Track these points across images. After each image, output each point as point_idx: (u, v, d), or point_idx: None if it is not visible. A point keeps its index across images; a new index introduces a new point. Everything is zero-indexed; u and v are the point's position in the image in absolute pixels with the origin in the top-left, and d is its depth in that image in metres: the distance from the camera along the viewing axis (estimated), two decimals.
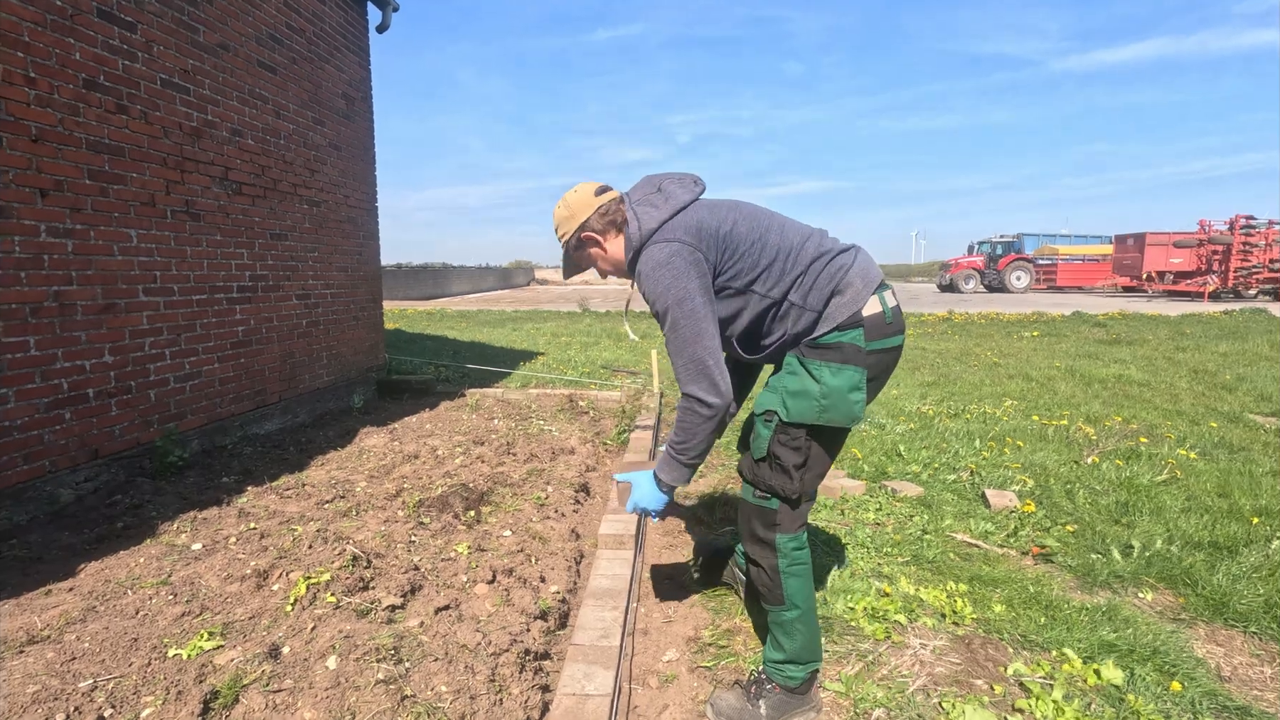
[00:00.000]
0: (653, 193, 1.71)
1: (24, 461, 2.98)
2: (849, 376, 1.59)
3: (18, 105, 2.91)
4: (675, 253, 1.57)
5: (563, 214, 1.78)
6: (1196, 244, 22.83)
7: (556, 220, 1.80)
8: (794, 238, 1.65)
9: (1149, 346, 9.29)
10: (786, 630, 1.76)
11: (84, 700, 1.67)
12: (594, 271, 1.89)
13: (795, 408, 1.62)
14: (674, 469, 1.72)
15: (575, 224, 1.75)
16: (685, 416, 1.62)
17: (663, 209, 1.64)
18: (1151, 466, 3.78)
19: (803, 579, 1.75)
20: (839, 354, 1.60)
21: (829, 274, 1.61)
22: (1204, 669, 1.98)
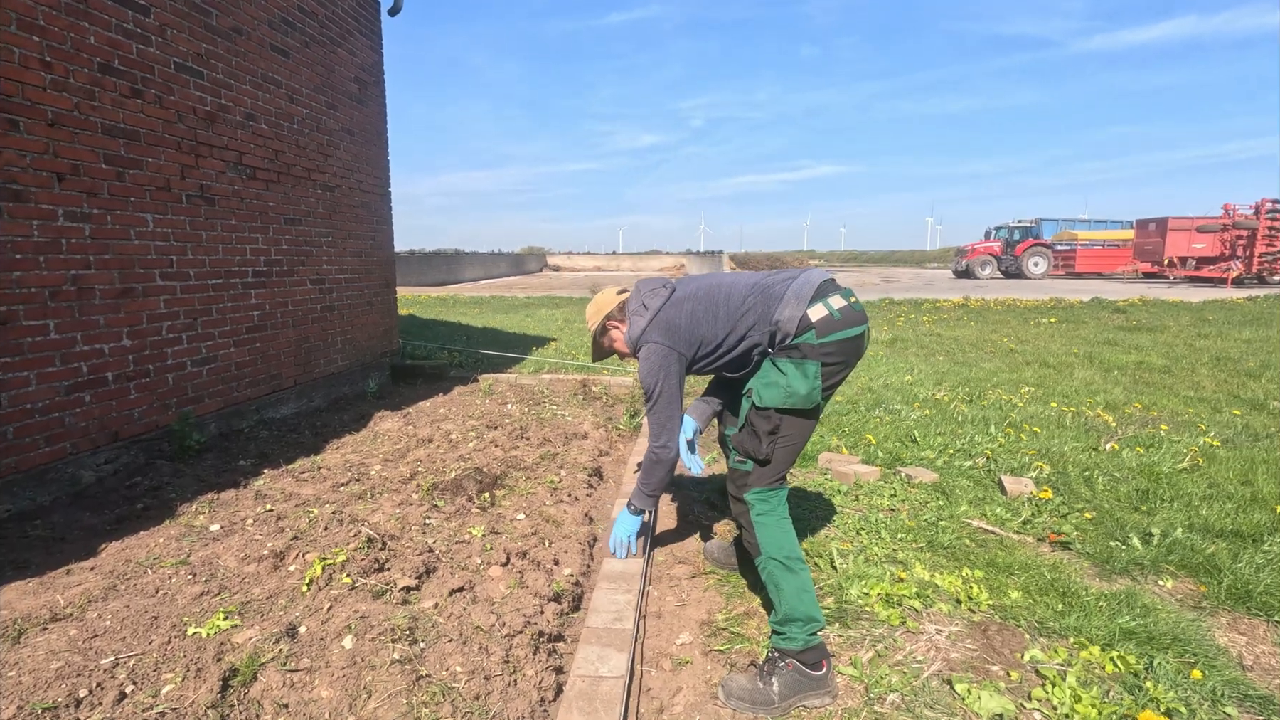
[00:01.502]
0: (639, 306, 2.21)
1: (46, 444, 3.02)
2: (808, 369, 1.92)
3: (34, 90, 2.93)
4: (656, 351, 2.10)
5: (592, 310, 2.34)
6: (1220, 229, 22.36)
7: (588, 315, 2.34)
8: (736, 298, 2.07)
9: (1170, 333, 9.14)
10: (773, 580, 1.92)
11: (106, 676, 1.70)
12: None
13: (765, 395, 1.95)
14: (641, 499, 2.34)
15: (602, 315, 2.30)
16: (651, 462, 2.22)
17: (643, 318, 2.16)
18: (1172, 454, 3.73)
19: (774, 529, 1.96)
20: (798, 352, 1.93)
21: (765, 303, 2.01)
22: (1225, 657, 1.95)
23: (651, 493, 2.30)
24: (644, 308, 2.18)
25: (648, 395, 2.14)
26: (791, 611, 1.85)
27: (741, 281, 2.13)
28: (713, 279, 2.20)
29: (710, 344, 2.11)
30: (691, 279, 2.26)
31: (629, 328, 2.21)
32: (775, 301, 2.02)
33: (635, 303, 2.23)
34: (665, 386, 2.10)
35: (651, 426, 2.17)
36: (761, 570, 1.97)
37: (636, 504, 2.35)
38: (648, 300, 2.20)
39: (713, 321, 2.10)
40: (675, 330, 2.11)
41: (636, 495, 2.32)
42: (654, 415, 2.14)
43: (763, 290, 2.06)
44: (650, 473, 2.24)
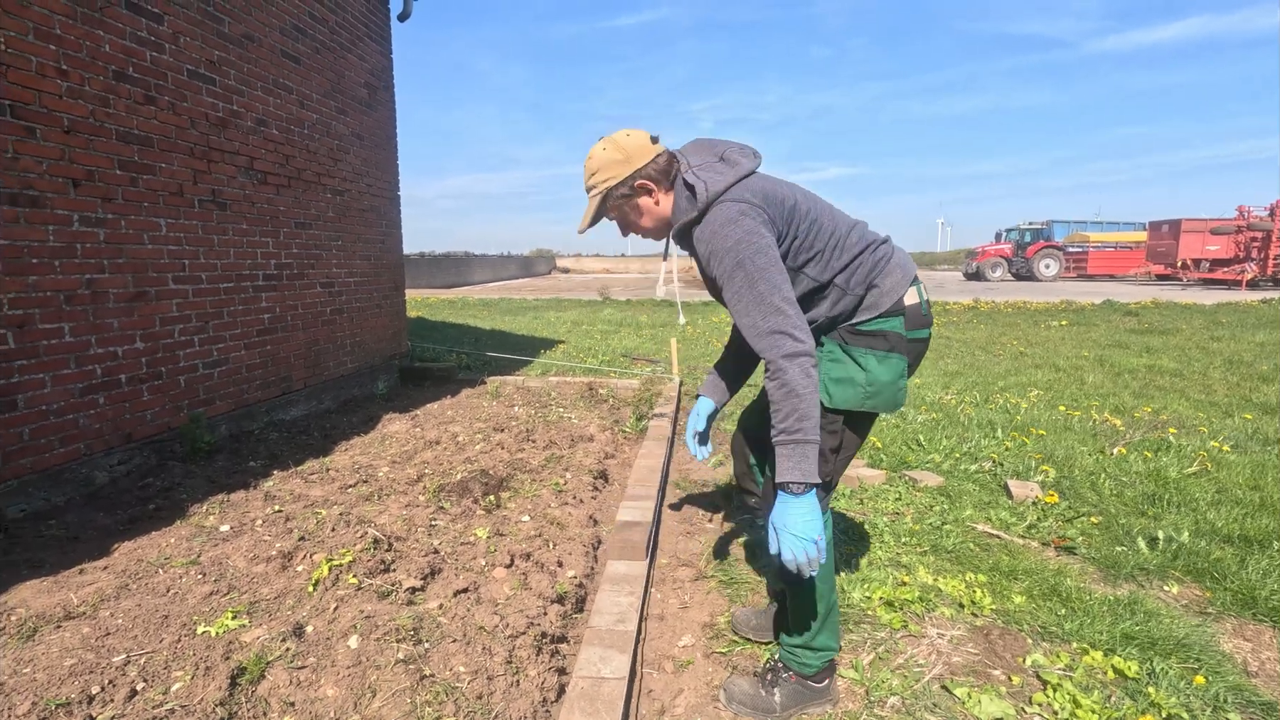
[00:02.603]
0: (715, 160, 1.62)
1: (60, 444, 3.07)
2: (894, 365, 1.59)
3: (50, 97, 2.98)
4: (745, 211, 1.50)
5: (613, 156, 1.61)
6: (1235, 230, 22.15)
7: (600, 163, 1.62)
8: (842, 224, 1.64)
9: (1182, 336, 9.06)
10: (808, 611, 1.73)
11: (117, 674, 1.73)
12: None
13: (839, 394, 1.59)
14: (806, 455, 1.42)
15: (630, 169, 1.61)
16: (779, 377, 1.42)
17: (729, 174, 1.56)
18: (1181, 458, 3.70)
19: (828, 567, 1.73)
20: (885, 341, 1.58)
21: (872, 262, 1.61)
22: (1230, 664, 1.95)
23: (816, 431, 1.43)
24: (723, 162, 1.61)
25: (730, 272, 1.48)
26: (816, 641, 1.74)
27: (838, 211, 1.68)
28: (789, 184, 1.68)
29: (796, 259, 1.57)
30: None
31: (699, 185, 1.56)
32: (882, 260, 1.62)
33: (705, 155, 1.63)
34: (766, 255, 1.46)
35: (759, 321, 1.45)
36: (798, 600, 1.74)
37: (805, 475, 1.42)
38: (733, 157, 1.62)
39: (814, 231, 1.58)
40: (778, 203, 1.55)
41: (799, 457, 1.42)
42: (760, 300, 1.44)
43: (863, 235, 1.64)
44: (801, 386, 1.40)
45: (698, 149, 1.68)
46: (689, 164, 1.63)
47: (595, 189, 1.64)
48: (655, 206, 1.67)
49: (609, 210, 1.68)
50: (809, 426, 1.42)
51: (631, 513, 2.76)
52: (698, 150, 1.68)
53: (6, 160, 2.81)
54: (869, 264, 1.61)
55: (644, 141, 1.63)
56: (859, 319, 1.61)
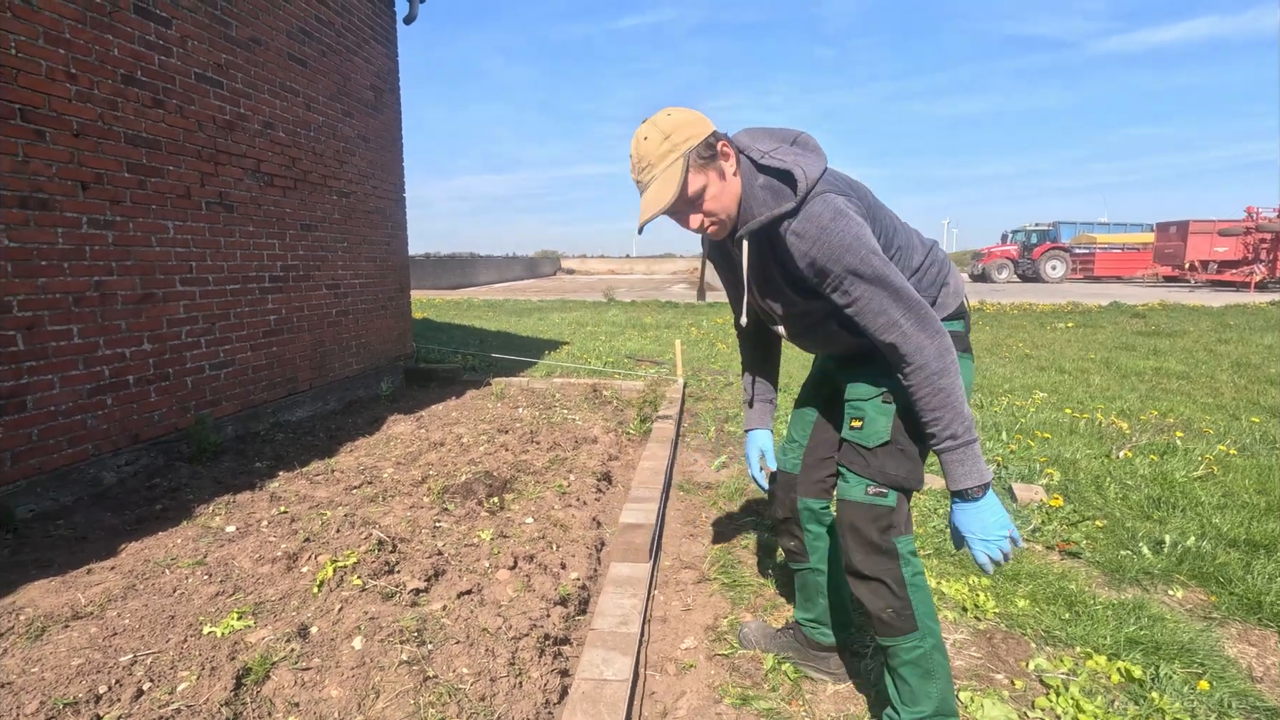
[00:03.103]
0: (788, 144, 1.44)
1: (69, 445, 3.10)
2: (969, 367, 1.51)
3: (60, 101, 3.01)
4: (847, 205, 1.34)
5: (686, 116, 1.38)
6: (1243, 232, 22.01)
7: (674, 123, 1.36)
8: (900, 224, 1.54)
9: (1190, 338, 9.01)
10: (926, 669, 1.47)
11: (124, 673, 1.75)
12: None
13: None
14: (975, 456, 1.33)
15: (708, 127, 1.38)
16: (947, 378, 1.29)
17: (819, 161, 1.39)
18: (1187, 462, 3.69)
19: (928, 590, 1.52)
20: (959, 341, 1.48)
21: (939, 261, 1.54)
22: (1235, 669, 1.94)
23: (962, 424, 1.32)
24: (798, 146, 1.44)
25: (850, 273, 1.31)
26: (944, 707, 1.50)
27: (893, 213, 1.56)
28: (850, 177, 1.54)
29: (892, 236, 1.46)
30: None
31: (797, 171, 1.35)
32: (944, 260, 1.54)
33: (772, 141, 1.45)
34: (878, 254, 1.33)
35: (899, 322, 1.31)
36: (911, 656, 1.49)
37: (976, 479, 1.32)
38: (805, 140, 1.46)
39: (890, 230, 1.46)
40: (860, 196, 1.42)
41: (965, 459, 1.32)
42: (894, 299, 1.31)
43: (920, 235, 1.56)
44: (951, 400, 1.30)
45: (758, 135, 1.48)
46: (757, 149, 1.43)
47: (673, 152, 1.36)
48: (735, 179, 1.41)
49: (690, 179, 1.37)
50: (969, 426, 1.32)
51: (635, 515, 2.77)
52: (759, 137, 1.48)
53: (16, 163, 2.84)
54: (935, 265, 1.53)
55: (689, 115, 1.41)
56: None
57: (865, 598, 1.52)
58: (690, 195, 1.38)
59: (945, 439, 1.33)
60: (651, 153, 1.38)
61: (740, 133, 1.51)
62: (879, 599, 1.49)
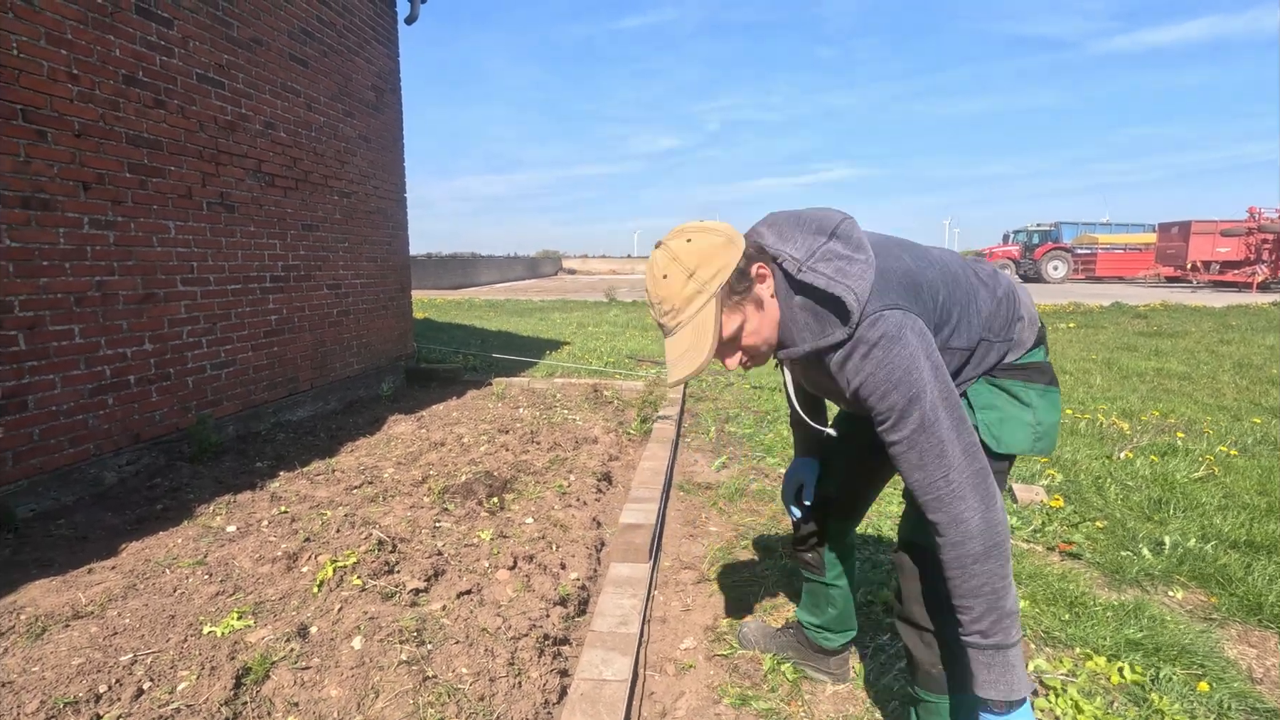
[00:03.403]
0: (824, 241, 1.22)
1: (70, 445, 3.10)
2: (1055, 400, 1.35)
3: (61, 101, 3.02)
4: (905, 324, 1.14)
5: (711, 240, 1.20)
6: (1245, 232, 21.97)
7: (700, 254, 1.19)
8: (963, 272, 1.34)
9: (1191, 339, 9.00)
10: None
11: (124, 673, 1.75)
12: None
13: (1008, 435, 1.31)
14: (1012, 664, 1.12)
15: (739, 250, 1.20)
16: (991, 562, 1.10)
17: (866, 268, 1.18)
18: (1188, 462, 3.68)
19: None
20: (1041, 374, 1.34)
21: (1008, 298, 1.36)
22: (1235, 670, 1.94)
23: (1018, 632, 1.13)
24: (839, 241, 1.21)
25: (899, 412, 1.13)
26: None
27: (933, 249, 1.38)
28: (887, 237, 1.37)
29: (951, 332, 1.28)
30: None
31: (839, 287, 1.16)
32: (1011, 289, 1.38)
33: (802, 236, 1.24)
34: (941, 384, 1.14)
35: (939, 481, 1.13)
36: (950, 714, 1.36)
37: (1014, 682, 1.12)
38: (846, 230, 1.23)
39: (945, 296, 1.27)
40: (917, 289, 1.22)
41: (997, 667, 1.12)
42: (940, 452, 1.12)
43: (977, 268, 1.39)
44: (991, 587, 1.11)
45: (785, 231, 1.28)
46: (790, 255, 1.23)
47: (702, 293, 1.18)
48: (773, 301, 1.25)
49: (725, 321, 1.21)
50: (1012, 624, 1.11)
51: (635, 515, 2.77)
52: (787, 232, 1.27)
53: (18, 164, 2.84)
54: (1005, 300, 1.35)
55: (727, 228, 1.25)
56: (1009, 360, 1.36)
57: (915, 647, 1.38)
58: (727, 338, 1.22)
59: (973, 633, 1.13)
60: (675, 295, 1.19)
61: (763, 225, 1.33)
62: (931, 652, 1.36)
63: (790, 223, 1.29)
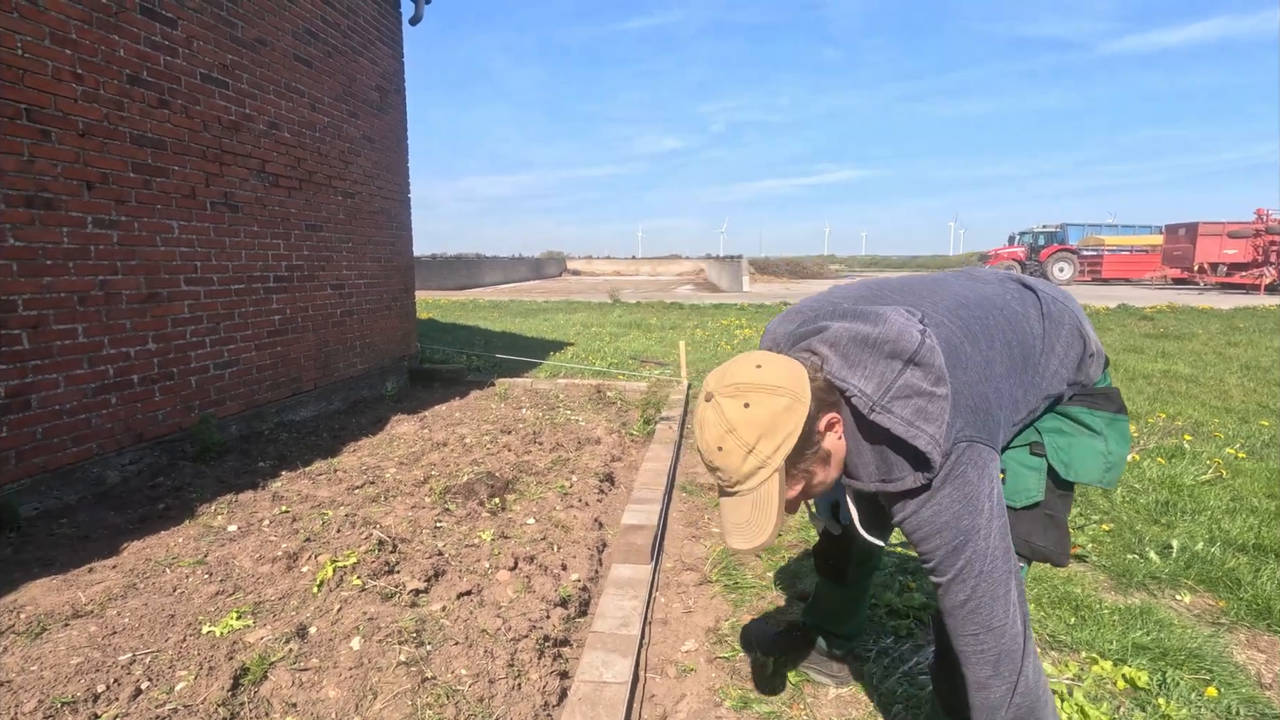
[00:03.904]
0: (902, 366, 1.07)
1: (73, 444, 3.11)
2: (1123, 429, 1.28)
3: (66, 101, 3.02)
4: (979, 463, 1.06)
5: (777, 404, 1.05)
6: (1253, 234, 21.83)
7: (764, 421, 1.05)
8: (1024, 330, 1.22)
9: (1198, 341, 8.94)
10: None
11: (123, 672, 1.74)
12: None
13: (1080, 464, 1.25)
14: None
15: (805, 410, 1.06)
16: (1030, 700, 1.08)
17: (944, 399, 1.05)
18: (1196, 465, 3.65)
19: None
20: (1109, 401, 1.27)
21: (1074, 339, 1.26)
22: (1243, 675, 1.91)
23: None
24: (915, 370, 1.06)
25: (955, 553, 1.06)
26: None
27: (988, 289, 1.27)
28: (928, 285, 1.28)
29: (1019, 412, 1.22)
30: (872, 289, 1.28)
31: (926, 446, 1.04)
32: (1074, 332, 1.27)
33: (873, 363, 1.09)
34: (1001, 527, 1.07)
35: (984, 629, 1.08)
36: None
37: None
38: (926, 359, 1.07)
39: (1020, 370, 1.19)
40: (986, 408, 1.11)
41: None
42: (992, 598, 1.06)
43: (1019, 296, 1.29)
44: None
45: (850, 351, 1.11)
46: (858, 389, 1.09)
47: (765, 468, 1.06)
48: (840, 443, 1.14)
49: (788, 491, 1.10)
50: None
51: (637, 516, 2.76)
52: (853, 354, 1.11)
53: (22, 163, 2.85)
54: (1072, 342, 1.26)
55: (790, 364, 1.10)
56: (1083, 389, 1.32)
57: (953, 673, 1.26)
58: (791, 500, 1.13)
59: None
60: (734, 469, 1.08)
61: (824, 345, 1.15)
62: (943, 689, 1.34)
63: (857, 344, 1.11)
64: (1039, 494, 1.24)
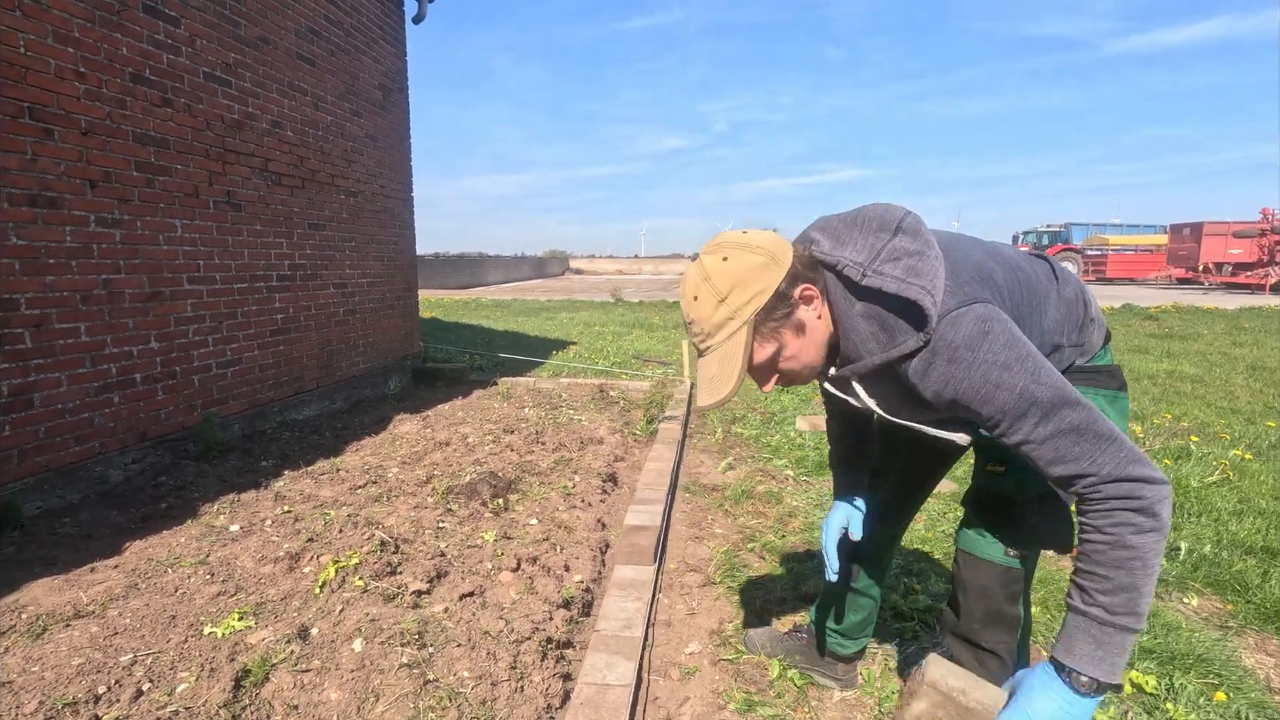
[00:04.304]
0: (888, 238, 1.11)
1: (76, 443, 3.10)
2: (1124, 407, 1.28)
3: (69, 99, 3.02)
4: (986, 318, 1.03)
5: (750, 261, 1.11)
6: (1258, 234, 21.74)
7: (735, 275, 1.10)
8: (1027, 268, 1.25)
9: (1204, 341, 8.90)
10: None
11: (124, 673, 1.74)
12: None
13: None
14: (1119, 644, 0.97)
15: (782, 271, 1.11)
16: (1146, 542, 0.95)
17: (936, 259, 1.08)
18: (1202, 467, 3.63)
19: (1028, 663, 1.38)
20: (1111, 378, 1.26)
21: (1079, 300, 1.27)
22: (1252, 680, 1.89)
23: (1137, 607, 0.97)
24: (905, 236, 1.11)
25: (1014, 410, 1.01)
26: None
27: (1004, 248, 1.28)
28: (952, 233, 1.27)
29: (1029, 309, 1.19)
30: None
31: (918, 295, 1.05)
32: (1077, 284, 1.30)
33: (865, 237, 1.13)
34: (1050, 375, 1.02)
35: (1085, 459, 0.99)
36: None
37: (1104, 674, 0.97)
38: (910, 224, 1.13)
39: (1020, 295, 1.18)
40: (991, 282, 1.13)
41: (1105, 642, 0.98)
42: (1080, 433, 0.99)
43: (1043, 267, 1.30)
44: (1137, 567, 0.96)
45: (841, 234, 1.17)
46: (850, 260, 1.12)
47: (734, 319, 1.11)
48: (819, 323, 1.17)
49: (756, 350, 1.14)
50: (1142, 613, 0.97)
51: (640, 517, 2.74)
52: (843, 234, 1.16)
53: (25, 161, 2.84)
54: (1076, 302, 1.27)
55: (774, 236, 1.16)
56: (1078, 363, 1.29)
57: (968, 664, 1.33)
58: (759, 364, 1.16)
59: (1097, 606, 0.98)
60: (705, 320, 1.13)
61: (815, 231, 1.21)
62: (984, 670, 1.32)
63: (846, 224, 1.17)
64: (1041, 484, 1.21)
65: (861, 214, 1.18)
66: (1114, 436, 0.99)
